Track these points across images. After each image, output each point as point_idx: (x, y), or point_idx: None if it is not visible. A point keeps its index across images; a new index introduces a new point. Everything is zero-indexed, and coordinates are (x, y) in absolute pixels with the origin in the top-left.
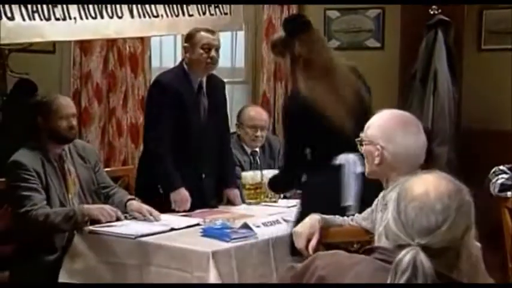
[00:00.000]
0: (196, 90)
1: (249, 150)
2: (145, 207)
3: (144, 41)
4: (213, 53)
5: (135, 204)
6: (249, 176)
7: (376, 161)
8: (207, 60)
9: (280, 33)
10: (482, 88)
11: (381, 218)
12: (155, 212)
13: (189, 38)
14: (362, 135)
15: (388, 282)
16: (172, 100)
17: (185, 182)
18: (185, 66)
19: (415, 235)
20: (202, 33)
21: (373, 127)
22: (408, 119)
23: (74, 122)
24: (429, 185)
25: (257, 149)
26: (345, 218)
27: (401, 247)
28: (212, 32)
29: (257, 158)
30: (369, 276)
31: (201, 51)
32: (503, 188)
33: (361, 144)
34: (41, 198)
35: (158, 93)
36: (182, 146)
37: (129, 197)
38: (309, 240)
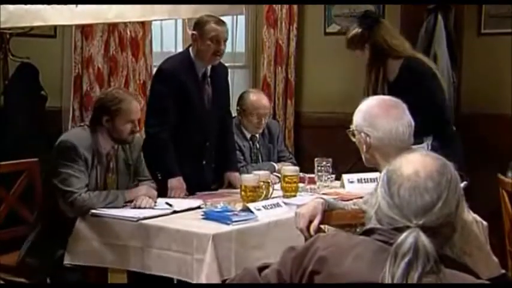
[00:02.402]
0: (201, 78)
1: (248, 136)
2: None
3: (145, 25)
4: (221, 45)
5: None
6: (249, 178)
7: (364, 148)
8: (214, 52)
9: (355, 29)
10: (482, 72)
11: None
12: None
13: (198, 27)
14: (352, 126)
15: (388, 264)
16: (175, 89)
17: (186, 168)
18: (191, 53)
19: (411, 216)
20: (213, 24)
21: (357, 116)
22: (390, 103)
23: (137, 127)
24: (417, 164)
25: (256, 134)
26: (348, 202)
27: (398, 229)
28: (222, 23)
29: (256, 143)
30: (369, 257)
31: (209, 42)
32: None
33: (353, 135)
34: (86, 183)
35: (161, 82)
36: (185, 133)
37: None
38: (310, 222)
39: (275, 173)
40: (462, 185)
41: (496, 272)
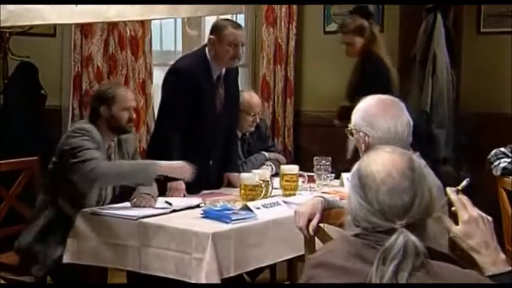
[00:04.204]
0: (215, 81)
1: (239, 134)
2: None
3: (144, 24)
4: (239, 50)
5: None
6: (248, 176)
7: (363, 147)
8: (232, 57)
9: (362, 20)
10: (481, 71)
11: None
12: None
13: (216, 31)
14: (350, 125)
15: (375, 264)
16: (190, 88)
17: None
18: (207, 55)
19: (395, 218)
20: (231, 29)
21: (356, 115)
22: (389, 102)
23: (134, 114)
24: (387, 164)
25: (247, 133)
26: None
27: (382, 232)
28: (239, 27)
29: (247, 141)
30: (354, 253)
31: (228, 47)
32: (505, 172)
33: (351, 134)
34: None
35: (176, 80)
36: (195, 133)
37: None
38: (310, 220)
39: (268, 162)
40: (464, 183)
41: (502, 269)
